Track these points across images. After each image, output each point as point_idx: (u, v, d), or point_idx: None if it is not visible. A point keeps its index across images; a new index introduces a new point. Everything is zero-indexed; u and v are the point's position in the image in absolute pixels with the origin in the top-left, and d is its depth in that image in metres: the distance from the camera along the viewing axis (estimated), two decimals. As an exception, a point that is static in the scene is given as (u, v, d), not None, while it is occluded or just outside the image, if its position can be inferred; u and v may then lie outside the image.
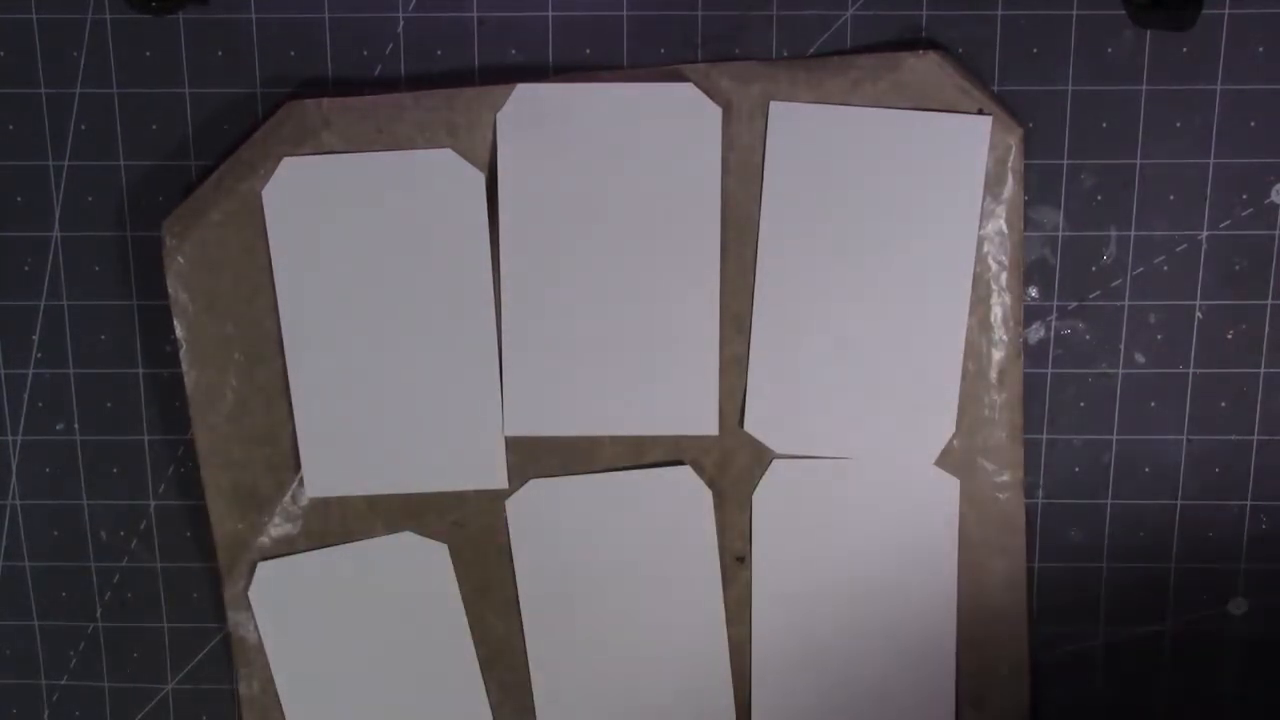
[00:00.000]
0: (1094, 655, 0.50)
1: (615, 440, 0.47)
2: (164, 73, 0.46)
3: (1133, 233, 0.46)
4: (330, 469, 0.47)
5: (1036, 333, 0.47)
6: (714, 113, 0.44)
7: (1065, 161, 0.46)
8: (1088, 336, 0.47)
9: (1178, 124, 0.45)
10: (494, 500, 0.48)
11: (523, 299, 0.46)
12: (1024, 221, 0.45)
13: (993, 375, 0.46)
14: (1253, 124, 0.45)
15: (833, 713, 0.49)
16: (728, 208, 0.45)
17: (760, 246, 0.45)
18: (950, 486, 0.47)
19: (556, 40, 0.46)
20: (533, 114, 0.45)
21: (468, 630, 0.49)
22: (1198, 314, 0.47)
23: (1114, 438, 0.48)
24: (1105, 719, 0.50)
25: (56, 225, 0.47)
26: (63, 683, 0.52)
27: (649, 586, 0.48)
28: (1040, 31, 0.45)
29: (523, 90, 0.45)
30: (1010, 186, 0.45)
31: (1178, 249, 0.46)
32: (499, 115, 0.45)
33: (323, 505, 0.48)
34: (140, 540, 0.50)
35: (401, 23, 0.46)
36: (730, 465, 0.47)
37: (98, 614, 0.51)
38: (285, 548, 0.48)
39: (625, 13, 0.45)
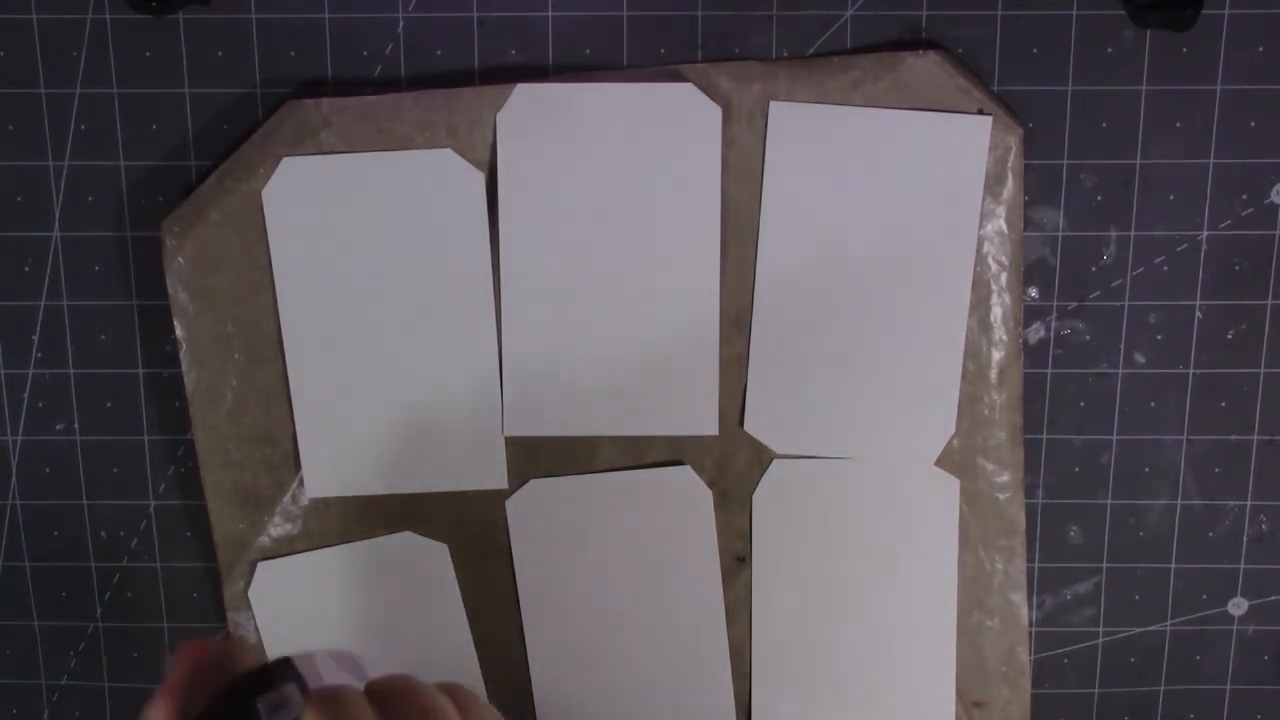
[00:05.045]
0: (1094, 655, 0.50)
1: (615, 440, 0.47)
2: (164, 73, 0.46)
3: (1133, 233, 0.46)
4: (330, 469, 0.47)
5: (1036, 333, 0.47)
6: (714, 113, 0.44)
7: (1065, 161, 0.46)
8: (1088, 336, 0.47)
9: (1178, 124, 0.45)
10: (494, 500, 0.48)
11: (523, 299, 0.46)
12: (1024, 221, 0.45)
13: (993, 375, 0.46)
14: (1253, 124, 0.45)
15: (833, 712, 0.49)
16: (728, 208, 0.45)
17: (760, 246, 0.45)
18: (950, 486, 0.47)
19: (556, 40, 0.45)
20: (533, 114, 0.45)
21: (468, 630, 0.48)
22: (1198, 314, 0.47)
23: (1114, 438, 0.48)
24: (1105, 719, 0.50)
25: (56, 225, 0.47)
26: (63, 683, 0.52)
27: (649, 586, 0.48)
28: (1040, 31, 0.45)
29: (523, 90, 0.44)
30: (1010, 186, 0.45)
31: (1178, 249, 0.46)
32: (499, 115, 0.45)
33: (323, 505, 0.48)
34: (140, 540, 0.50)
35: (401, 23, 0.46)
36: (730, 465, 0.47)
37: (98, 614, 0.51)
38: (285, 548, 0.48)
39: (625, 13, 0.45)
